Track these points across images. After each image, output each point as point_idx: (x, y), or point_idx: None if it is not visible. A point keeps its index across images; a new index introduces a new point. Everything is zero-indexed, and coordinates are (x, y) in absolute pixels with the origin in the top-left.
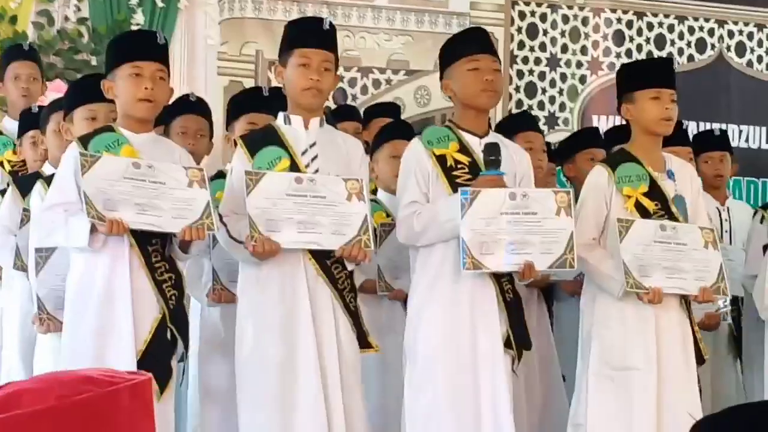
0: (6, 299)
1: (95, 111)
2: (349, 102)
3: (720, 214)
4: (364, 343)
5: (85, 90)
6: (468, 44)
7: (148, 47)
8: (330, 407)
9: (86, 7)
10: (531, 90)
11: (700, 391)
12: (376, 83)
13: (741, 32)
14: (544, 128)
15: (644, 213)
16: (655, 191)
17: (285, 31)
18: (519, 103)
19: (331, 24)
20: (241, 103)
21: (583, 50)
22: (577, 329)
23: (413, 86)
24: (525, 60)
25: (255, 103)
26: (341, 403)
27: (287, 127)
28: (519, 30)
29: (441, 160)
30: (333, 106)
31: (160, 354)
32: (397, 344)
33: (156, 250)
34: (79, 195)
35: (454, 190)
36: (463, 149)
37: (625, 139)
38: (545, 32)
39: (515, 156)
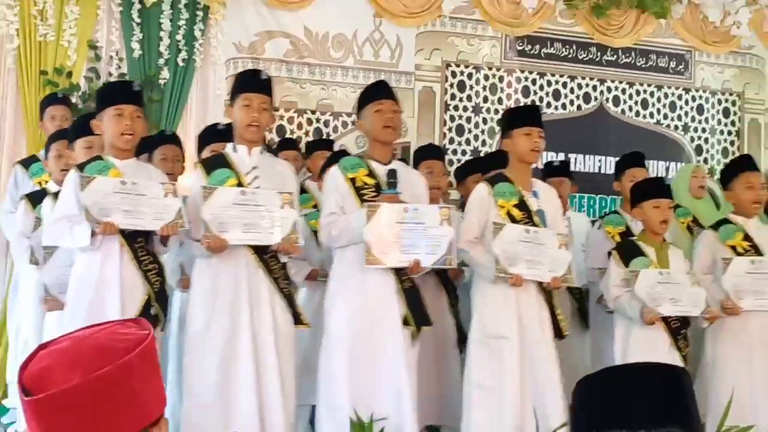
0: (22, 288)
1: (91, 141)
2: (324, 137)
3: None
4: (297, 320)
5: (85, 126)
6: (375, 92)
7: (127, 93)
8: (265, 368)
9: (125, 66)
10: (460, 130)
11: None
12: (344, 124)
13: (616, 88)
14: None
15: (513, 220)
16: (522, 205)
17: (234, 80)
18: (451, 140)
19: (267, 75)
20: (206, 136)
21: (499, 100)
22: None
23: None
24: (456, 108)
25: (215, 136)
26: (276, 366)
27: (235, 153)
28: (451, 85)
29: (353, 181)
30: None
31: None
32: None
33: (141, 246)
34: (79, 208)
35: (362, 205)
36: (371, 174)
37: (504, 165)
38: (471, 87)
39: (413, 179)
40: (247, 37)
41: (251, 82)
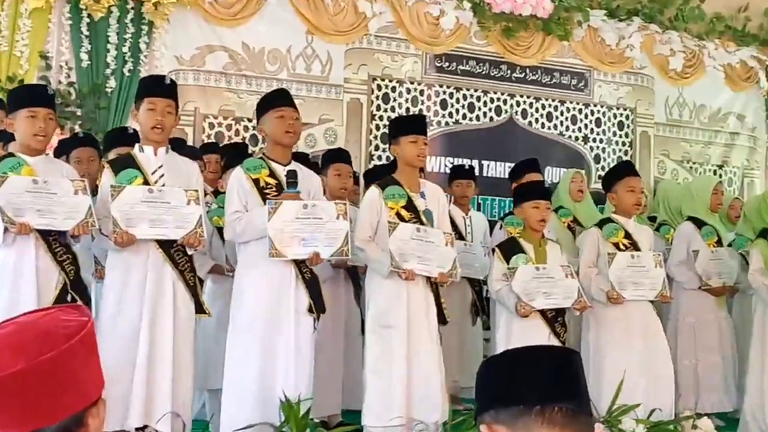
0: None
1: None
2: (258, 146)
3: (465, 221)
4: (199, 309)
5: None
6: (276, 99)
7: (40, 97)
8: (161, 353)
9: (74, 75)
10: (384, 138)
11: (443, 343)
12: None
13: (524, 102)
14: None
15: (402, 220)
16: (410, 206)
17: (138, 85)
18: (376, 146)
19: (171, 79)
20: (111, 140)
21: (420, 112)
22: None
23: (305, 134)
24: (381, 117)
25: (122, 139)
26: (170, 352)
27: (141, 154)
28: (377, 97)
29: (256, 182)
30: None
31: None
32: None
33: (55, 239)
34: None
35: (265, 203)
36: (272, 174)
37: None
38: (394, 99)
39: (310, 180)
40: (189, 50)
41: (156, 87)
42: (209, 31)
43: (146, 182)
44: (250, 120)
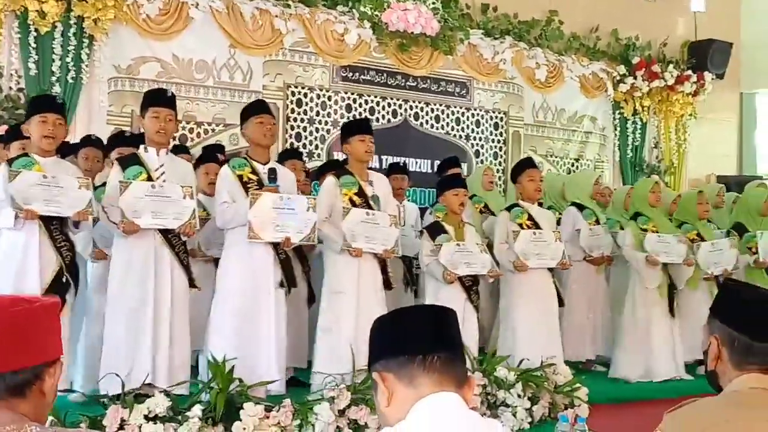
0: None
1: (25, 143)
2: (187, 143)
3: (399, 209)
4: (192, 284)
5: (17, 131)
6: (257, 109)
7: (51, 104)
8: (161, 320)
9: (23, 82)
10: (298, 137)
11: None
12: (206, 131)
13: (417, 107)
14: (307, 159)
15: (354, 204)
16: (361, 192)
17: (144, 96)
18: (291, 144)
19: (172, 93)
20: (113, 141)
21: (328, 115)
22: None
23: (228, 134)
24: (295, 119)
25: (120, 141)
26: (169, 319)
27: (146, 154)
28: (291, 102)
29: (240, 178)
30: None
31: (57, 290)
32: (210, 286)
33: (56, 228)
34: (6, 196)
35: (247, 195)
36: (254, 171)
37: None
38: (306, 104)
39: (285, 176)
40: (125, 60)
41: (159, 98)
42: (143, 44)
43: (149, 178)
44: (180, 122)
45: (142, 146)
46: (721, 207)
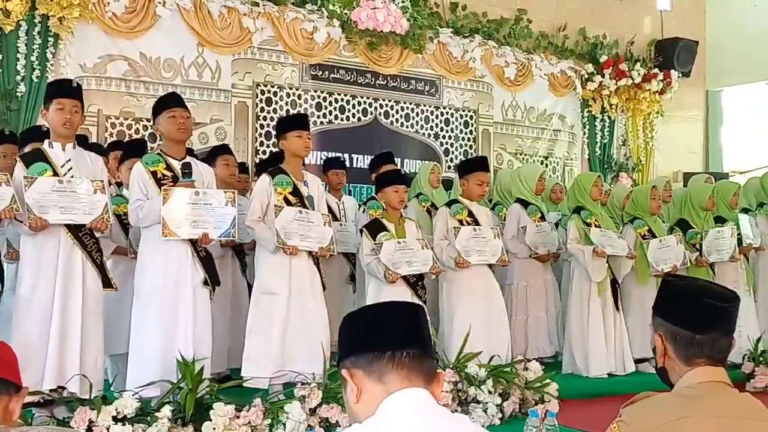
0: None
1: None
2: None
3: (338, 205)
4: (107, 284)
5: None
6: (168, 102)
7: (67, 90)
8: (72, 324)
9: None
10: (268, 135)
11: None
12: None
13: (387, 105)
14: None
15: (290, 203)
16: (296, 191)
17: (47, 87)
18: (261, 143)
19: (77, 83)
20: (26, 137)
21: (298, 113)
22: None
23: (197, 132)
24: (264, 118)
25: (36, 136)
26: (80, 320)
27: (51, 149)
28: (261, 101)
29: (154, 174)
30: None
31: None
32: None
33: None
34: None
35: (161, 191)
36: (168, 167)
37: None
38: (276, 102)
39: (203, 171)
40: (92, 59)
41: (64, 89)
42: (110, 42)
43: (56, 174)
44: (149, 120)
45: (46, 141)
46: (668, 201)
